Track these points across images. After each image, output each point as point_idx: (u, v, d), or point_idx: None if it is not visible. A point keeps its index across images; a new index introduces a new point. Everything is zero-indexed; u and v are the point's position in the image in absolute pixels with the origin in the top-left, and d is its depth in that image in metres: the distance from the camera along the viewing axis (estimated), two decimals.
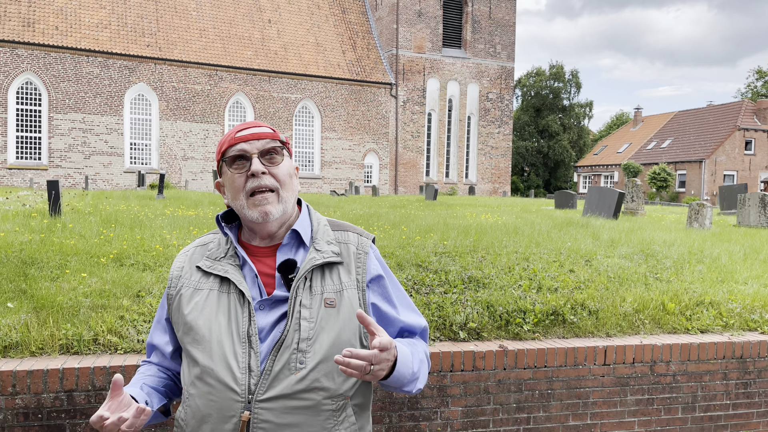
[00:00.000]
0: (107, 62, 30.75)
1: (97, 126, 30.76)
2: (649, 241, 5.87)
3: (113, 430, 1.26)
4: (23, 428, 2.90)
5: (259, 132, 1.46)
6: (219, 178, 1.53)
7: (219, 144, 1.51)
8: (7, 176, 28.97)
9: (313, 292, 1.42)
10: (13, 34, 28.91)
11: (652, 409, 3.86)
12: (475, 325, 3.78)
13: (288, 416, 1.35)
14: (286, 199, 1.47)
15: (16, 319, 3.18)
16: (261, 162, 1.43)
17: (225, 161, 1.47)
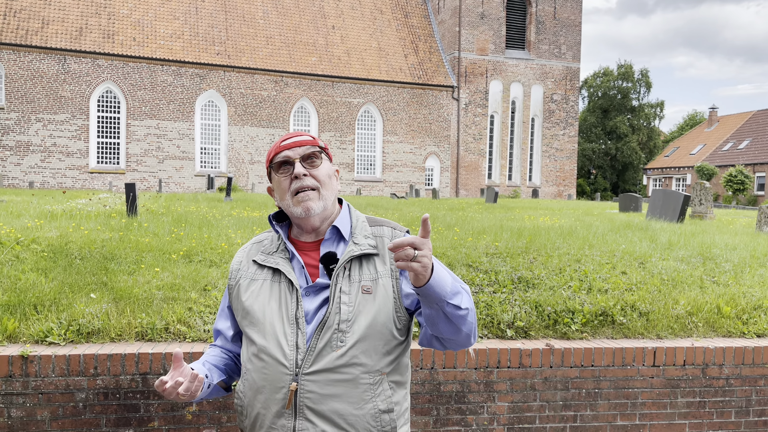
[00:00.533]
0: (180, 70, 32.17)
1: (170, 131, 32.22)
2: (709, 244, 5.75)
3: (172, 393, 1.50)
4: (103, 407, 3.22)
5: (300, 140, 1.66)
6: (270, 184, 1.74)
7: (268, 153, 1.72)
8: (88, 180, 30.76)
9: (352, 280, 1.60)
10: (94, 46, 30.71)
11: (704, 412, 3.83)
12: (523, 324, 3.87)
13: (330, 387, 1.54)
14: (326, 197, 1.66)
15: (98, 309, 3.52)
16: (303, 166, 1.63)
17: (273, 167, 1.68)
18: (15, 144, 29.43)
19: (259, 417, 1.59)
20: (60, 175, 30.19)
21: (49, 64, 29.92)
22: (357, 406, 1.55)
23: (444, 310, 1.48)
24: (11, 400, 3.13)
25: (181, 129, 32.44)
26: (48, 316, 3.44)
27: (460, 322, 1.52)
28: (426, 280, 1.41)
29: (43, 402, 3.16)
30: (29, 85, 29.63)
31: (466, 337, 1.58)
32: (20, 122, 29.53)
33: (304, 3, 37.67)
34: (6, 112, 29.35)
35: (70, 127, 30.35)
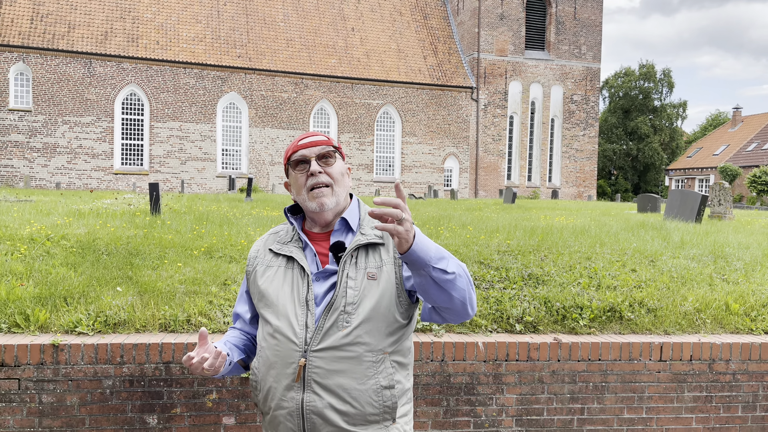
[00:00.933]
0: (202, 73, 32.64)
1: (193, 133, 32.70)
2: (722, 243, 5.79)
3: (198, 368, 1.65)
4: (128, 393, 3.39)
5: (316, 140, 1.81)
6: (287, 179, 1.89)
7: (285, 151, 1.87)
8: (113, 181, 31.35)
9: (358, 267, 1.74)
10: (119, 50, 31.30)
11: (711, 406, 3.90)
12: (532, 319, 3.97)
13: (335, 364, 1.67)
14: (339, 193, 1.80)
15: (124, 301, 3.70)
16: (318, 164, 1.77)
17: (290, 164, 1.82)
18: (42, 146, 30.11)
19: (270, 390, 1.74)
20: (86, 176, 30.81)
21: (75, 67, 30.56)
22: (360, 381, 1.68)
23: (431, 275, 1.54)
24: (42, 386, 3.32)
25: (203, 131, 32.90)
26: (77, 308, 3.63)
27: (449, 287, 1.57)
28: (409, 245, 1.48)
29: (73, 388, 3.34)
30: (56, 89, 30.30)
31: (462, 306, 1.62)
32: (47, 124, 30.21)
33: (324, 6, 37.97)
34: (33, 114, 30.05)
35: (96, 129, 30.96)
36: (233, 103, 33.80)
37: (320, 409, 1.67)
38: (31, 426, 3.32)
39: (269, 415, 1.77)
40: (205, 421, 3.46)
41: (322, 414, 1.67)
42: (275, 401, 1.73)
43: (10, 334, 3.43)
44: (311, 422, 1.68)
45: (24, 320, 3.50)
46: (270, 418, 1.77)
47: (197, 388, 3.45)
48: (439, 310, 1.66)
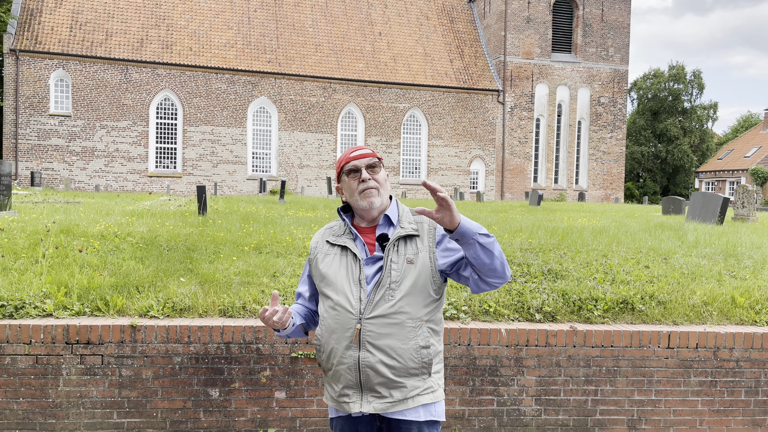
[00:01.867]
0: (233, 78, 33.48)
1: (224, 137, 33.55)
2: (735, 243, 6.10)
3: (269, 320, 2.15)
4: (194, 369, 3.90)
5: (364, 153, 2.27)
6: (338, 184, 2.34)
7: (338, 161, 2.33)
8: (147, 183, 32.34)
9: (399, 253, 2.19)
10: (154, 56, 32.31)
11: (715, 390, 4.26)
12: (550, 309, 4.38)
13: (384, 328, 2.13)
14: (383, 194, 2.26)
15: (187, 290, 4.21)
16: (367, 172, 2.23)
17: (344, 173, 2.28)
18: (81, 149, 31.23)
19: (333, 350, 2.20)
20: (122, 179, 31.85)
21: (112, 73, 31.64)
22: (403, 342, 2.14)
23: (478, 241, 2.06)
24: (122, 361, 3.84)
25: (234, 134, 33.73)
26: (148, 295, 4.16)
27: (492, 248, 2.08)
28: (459, 221, 2.02)
29: (147, 364, 3.86)
30: (94, 94, 31.41)
31: (501, 266, 2.13)
32: (86, 129, 31.32)
33: (352, 11, 38.59)
34: (73, 119, 31.19)
35: (131, 133, 32.00)
36: (263, 108, 34.58)
37: (373, 363, 2.13)
38: (112, 396, 3.84)
39: (332, 371, 2.23)
40: (259, 395, 3.95)
41: (374, 367, 2.13)
42: (337, 359, 2.19)
43: (93, 317, 3.97)
44: (366, 374, 2.14)
45: (104, 305, 4.03)
46: (332, 373, 2.23)
47: (253, 365, 3.94)
48: (485, 275, 2.13)
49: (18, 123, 30.49)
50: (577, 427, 4.19)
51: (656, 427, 4.24)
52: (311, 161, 35.27)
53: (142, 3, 34.25)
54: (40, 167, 30.85)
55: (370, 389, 2.15)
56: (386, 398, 2.15)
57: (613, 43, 40.28)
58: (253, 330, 3.92)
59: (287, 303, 4.18)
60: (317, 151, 35.37)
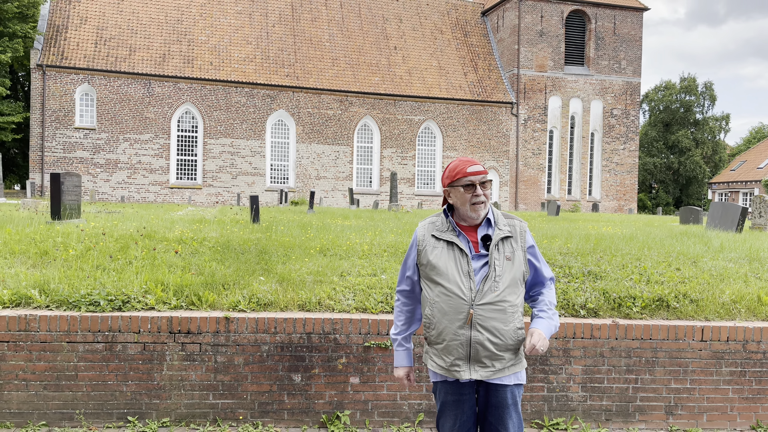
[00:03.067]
0: (252, 92, 34.24)
1: (243, 149, 34.25)
2: (758, 248, 6.54)
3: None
4: (280, 356, 4.39)
5: (480, 170, 2.72)
6: (446, 188, 2.79)
7: (452, 171, 2.75)
8: (168, 194, 33.04)
9: (500, 252, 2.67)
10: (176, 71, 33.13)
11: (744, 379, 4.70)
12: (593, 306, 4.85)
13: (491, 313, 2.61)
14: (488, 206, 2.74)
15: (268, 287, 4.72)
16: (480, 188, 2.70)
17: (460, 184, 2.72)
18: (105, 162, 32.01)
19: (445, 329, 2.67)
20: (144, 190, 32.58)
21: (135, 88, 32.47)
22: (505, 324, 2.62)
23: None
24: (217, 349, 4.34)
25: (253, 147, 34.42)
26: (234, 292, 4.67)
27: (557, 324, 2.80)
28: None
29: (239, 351, 4.36)
30: (118, 108, 32.22)
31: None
32: (110, 142, 32.11)
33: (368, 26, 39.34)
34: (97, 132, 32.00)
35: (154, 145, 32.75)
36: (281, 120, 35.28)
37: (482, 341, 2.61)
38: (208, 380, 4.34)
39: (442, 345, 2.70)
40: (336, 380, 4.44)
41: (482, 344, 2.61)
42: (449, 336, 2.66)
43: (189, 310, 4.48)
44: (475, 349, 2.62)
45: (197, 300, 4.54)
46: (443, 347, 2.69)
47: (331, 354, 4.43)
48: None
49: (44, 136, 31.33)
50: (619, 411, 4.64)
51: (691, 412, 4.68)
52: (328, 173, 35.88)
53: (164, 19, 35.14)
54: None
55: (477, 361, 2.63)
56: (489, 368, 2.63)
57: (625, 56, 40.77)
58: (330, 322, 4.42)
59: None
60: (334, 163, 35.98)
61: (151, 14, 35.05)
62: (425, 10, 41.77)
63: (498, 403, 2.69)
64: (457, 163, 2.78)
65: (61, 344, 4.20)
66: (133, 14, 34.73)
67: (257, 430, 4.31)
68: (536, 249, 2.83)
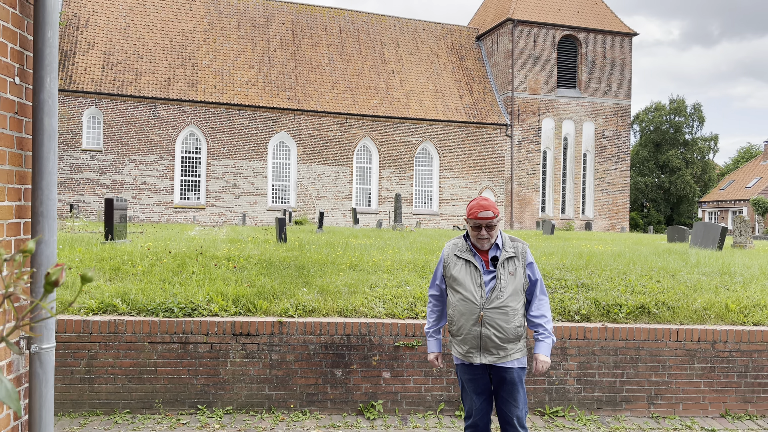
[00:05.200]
0: (255, 114, 35.24)
1: (246, 170, 35.15)
2: (729, 264, 7.45)
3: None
4: (324, 354, 5.23)
5: (488, 216, 3.59)
6: (466, 220, 3.68)
7: (469, 210, 3.61)
8: (172, 214, 33.83)
9: (505, 269, 3.55)
10: (180, 94, 34.11)
11: (714, 374, 5.57)
12: (585, 312, 5.72)
13: (496, 315, 3.47)
14: (493, 238, 3.61)
15: (311, 297, 5.57)
16: (485, 230, 3.57)
17: (470, 223, 3.59)
18: (111, 182, 32.81)
19: (462, 326, 3.54)
20: (148, 210, 33.35)
21: (141, 110, 33.41)
22: (507, 323, 3.49)
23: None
24: (272, 348, 5.18)
25: (255, 168, 35.33)
26: (282, 301, 5.52)
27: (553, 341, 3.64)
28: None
29: (290, 350, 5.20)
30: (124, 130, 33.12)
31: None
32: (116, 163, 32.95)
33: (366, 50, 40.56)
34: (104, 154, 32.84)
35: (158, 167, 33.61)
36: (283, 142, 36.25)
37: (489, 335, 3.48)
38: (264, 374, 5.17)
39: (461, 337, 3.56)
40: (371, 374, 5.28)
41: (489, 337, 3.48)
42: (466, 331, 3.52)
43: (246, 316, 5.32)
44: (484, 341, 3.48)
45: (253, 307, 5.39)
46: (461, 339, 3.56)
47: (366, 352, 5.28)
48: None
49: None
50: (609, 401, 5.49)
51: (669, 402, 5.53)
52: (328, 192, 36.80)
53: (169, 44, 36.22)
54: (72, 199, 32.41)
55: (486, 349, 3.50)
56: (495, 355, 3.50)
57: (615, 79, 42.11)
58: (366, 326, 5.27)
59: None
60: (334, 183, 36.92)
61: (156, 39, 36.14)
62: (422, 35, 43.10)
63: (507, 381, 3.55)
64: (474, 204, 3.62)
65: (143, 344, 5.04)
66: (138, 39, 35.80)
67: (305, 416, 5.13)
68: (534, 265, 3.72)
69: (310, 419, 5.08)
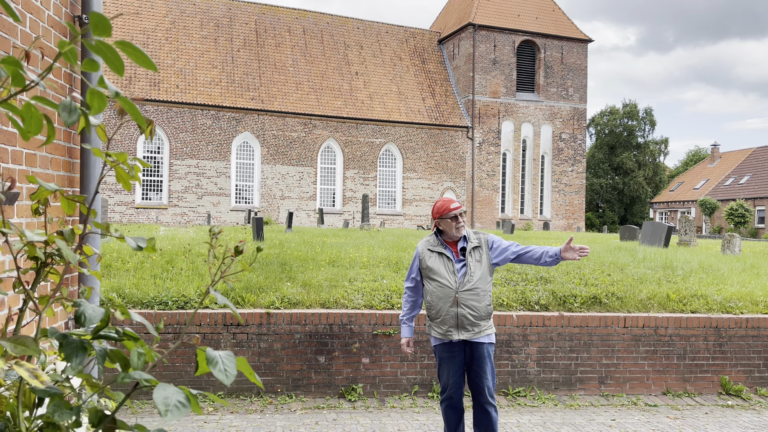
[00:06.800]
0: (218, 114, 35.21)
1: (209, 170, 35.09)
2: (672, 259, 8.19)
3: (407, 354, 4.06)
4: (308, 342, 5.69)
5: (459, 206, 4.15)
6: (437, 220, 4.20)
7: (440, 209, 4.14)
8: (134, 214, 33.53)
9: (473, 257, 4.10)
10: (142, 93, 33.83)
11: (656, 356, 6.24)
12: (544, 302, 6.33)
13: (470, 296, 4.01)
14: (466, 226, 4.16)
15: (295, 290, 6.03)
16: (460, 218, 4.12)
17: (448, 217, 4.13)
18: None
19: (441, 308, 4.06)
20: (109, 210, 32.96)
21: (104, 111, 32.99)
22: (480, 303, 4.03)
23: (553, 264, 4.05)
24: (261, 337, 5.61)
25: (219, 168, 35.30)
26: (269, 294, 5.95)
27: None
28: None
29: (277, 339, 5.65)
30: None
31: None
32: None
33: (330, 52, 40.91)
34: None
35: None
36: (246, 142, 36.31)
37: (465, 314, 4.01)
38: (254, 361, 5.60)
39: (440, 318, 4.08)
40: (351, 360, 5.76)
41: (465, 316, 4.01)
42: (444, 312, 4.05)
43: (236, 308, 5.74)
44: (461, 320, 4.02)
45: (241, 300, 5.81)
46: (441, 320, 4.08)
47: (347, 340, 5.76)
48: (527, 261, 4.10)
49: None
50: (565, 382, 6.11)
51: (617, 382, 6.18)
52: (292, 193, 37.02)
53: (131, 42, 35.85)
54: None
55: (462, 327, 4.04)
56: (470, 331, 4.05)
57: (572, 84, 43.54)
58: (347, 316, 5.76)
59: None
60: (298, 183, 37.16)
61: (117, 37, 35.71)
62: (385, 38, 43.69)
63: (479, 355, 4.10)
64: (443, 202, 4.19)
65: (141, 335, 5.40)
66: None
67: (291, 400, 5.58)
68: (499, 239, 4.26)
69: (296, 402, 5.53)
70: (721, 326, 6.33)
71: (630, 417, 5.53)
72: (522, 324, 6.04)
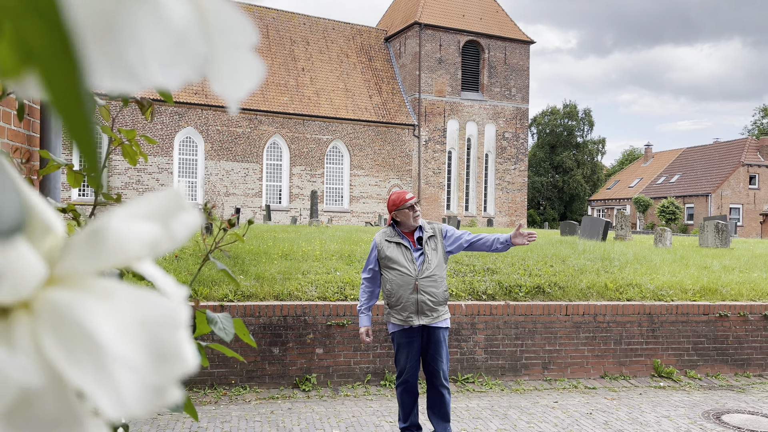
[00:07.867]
0: (160, 109, 34.34)
1: (150, 166, 34.21)
2: (609, 251, 8.64)
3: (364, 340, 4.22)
4: (263, 333, 5.75)
5: (413, 196, 4.33)
6: (393, 213, 4.37)
7: (395, 201, 4.32)
8: None
9: (429, 246, 4.28)
10: None
11: (595, 342, 6.60)
12: (491, 292, 6.58)
13: (428, 283, 4.19)
14: (421, 217, 4.35)
15: (249, 284, 6.07)
16: (416, 207, 4.30)
17: (405, 208, 4.30)
18: None
19: (401, 295, 4.23)
20: None
21: None
22: (437, 289, 4.22)
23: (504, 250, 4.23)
24: None
25: (160, 163, 34.47)
26: (222, 288, 5.97)
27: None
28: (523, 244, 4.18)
29: None
30: None
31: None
32: None
33: (276, 47, 40.54)
34: None
35: None
36: (189, 137, 35.59)
37: (424, 300, 4.19)
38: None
39: (400, 305, 4.24)
40: (305, 351, 5.85)
41: (425, 302, 4.19)
42: (405, 298, 4.22)
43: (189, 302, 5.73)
44: (420, 305, 4.19)
45: (194, 293, 5.81)
46: (401, 307, 4.24)
47: (301, 331, 5.85)
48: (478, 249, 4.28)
49: None
50: (511, 368, 6.39)
51: (560, 367, 6.51)
52: (237, 189, 36.52)
53: None
54: None
55: (422, 313, 4.21)
56: (429, 317, 4.22)
57: (515, 84, 44.65)
58: (301, 307, 5.85)
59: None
60: (243, 180, 36.69)
61: None
62: (331, 34, 43.61)
63: (435, 340, 4.28)
64: (398, 195, 4.37)
65: None
66: None
67: (246, 391, 5.63)
68: (452, 228, 4.46)
69: (251, 393, 5.59)
70: (654, 313, 6.74)
71: (571, 399, 5.84)
72: (470, 313, 6.28)
